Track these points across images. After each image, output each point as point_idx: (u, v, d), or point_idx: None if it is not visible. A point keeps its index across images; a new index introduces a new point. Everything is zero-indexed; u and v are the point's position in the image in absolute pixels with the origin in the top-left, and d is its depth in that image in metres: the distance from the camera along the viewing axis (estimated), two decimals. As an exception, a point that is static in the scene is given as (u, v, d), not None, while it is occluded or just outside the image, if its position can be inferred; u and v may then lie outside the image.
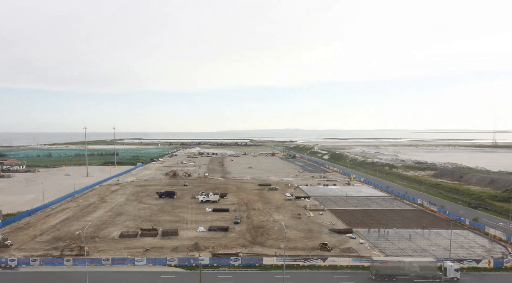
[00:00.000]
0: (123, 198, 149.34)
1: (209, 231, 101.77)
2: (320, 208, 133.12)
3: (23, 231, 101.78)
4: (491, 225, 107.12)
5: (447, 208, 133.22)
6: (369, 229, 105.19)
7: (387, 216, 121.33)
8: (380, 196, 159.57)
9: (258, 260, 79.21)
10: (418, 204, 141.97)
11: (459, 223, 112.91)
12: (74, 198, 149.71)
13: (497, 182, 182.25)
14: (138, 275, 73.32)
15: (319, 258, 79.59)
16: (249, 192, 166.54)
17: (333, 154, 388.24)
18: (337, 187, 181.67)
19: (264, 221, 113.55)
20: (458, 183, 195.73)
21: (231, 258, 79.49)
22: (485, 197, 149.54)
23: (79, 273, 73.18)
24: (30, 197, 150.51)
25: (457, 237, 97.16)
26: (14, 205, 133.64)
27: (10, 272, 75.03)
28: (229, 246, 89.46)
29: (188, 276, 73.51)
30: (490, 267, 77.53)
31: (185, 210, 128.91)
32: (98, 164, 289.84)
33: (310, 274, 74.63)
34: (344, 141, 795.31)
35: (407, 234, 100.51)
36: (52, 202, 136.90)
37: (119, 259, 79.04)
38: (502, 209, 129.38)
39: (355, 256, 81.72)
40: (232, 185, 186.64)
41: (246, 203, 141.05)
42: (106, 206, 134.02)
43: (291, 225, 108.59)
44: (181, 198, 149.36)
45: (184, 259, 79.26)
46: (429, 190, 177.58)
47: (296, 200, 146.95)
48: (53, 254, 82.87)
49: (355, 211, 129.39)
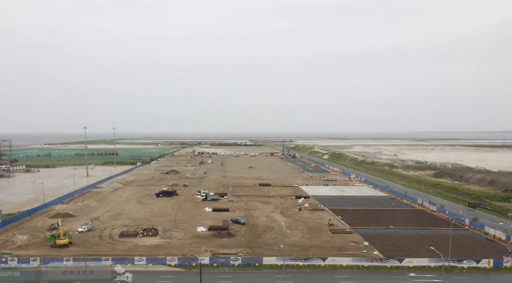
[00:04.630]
0: (123, 198, 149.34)
1: (209, 230, 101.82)
2: (320, 208, 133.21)
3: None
4: (490, 225, 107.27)
5: (447, 208, 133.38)
6: (369, 229, 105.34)
7: (387, 216, 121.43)
8: (380, 196, 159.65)
9: (258, 260, 79.29)
10: (418, 204, 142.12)
11: (459, 222, 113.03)
12: (74, 198, 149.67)
13: (497, 182, 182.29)
14: (138, 274, 73.30)
15: (319, 258, 79.67)
16: (249, 192, 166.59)
17: (333, 154, 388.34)
18: (337, 187, 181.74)
19: (264, 221, 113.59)
20: (458, 183, 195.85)
21: (231, 257, 79.57)
22: (484, 197, 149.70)
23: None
24: (30, 197, 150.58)
25: (457, 237, 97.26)
26: (14, 205, 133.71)
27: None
28: (229, 246, 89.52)
29: (188, 276, 73.60)
30: (490, 267, 77.64)
31: (185, 209, 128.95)
32: (98, 163, 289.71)
33: (310, 274, 74.72)
34: (344, 141, 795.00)
35: (407, 234, 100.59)
36: (52, 202, 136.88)
37: (119, 258, 79.06)
38: (501, 209, 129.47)
39: (355, 256, 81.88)
40: (232, 185, 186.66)
41: (246, 202, 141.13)
42: (106, 206, 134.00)
43: (291, 225, 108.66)
44: (181, 198, 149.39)
45: (184, 259, 79.31)
46: (428, 190, 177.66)
47: (295, 200, 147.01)
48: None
49: (355, 211, 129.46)
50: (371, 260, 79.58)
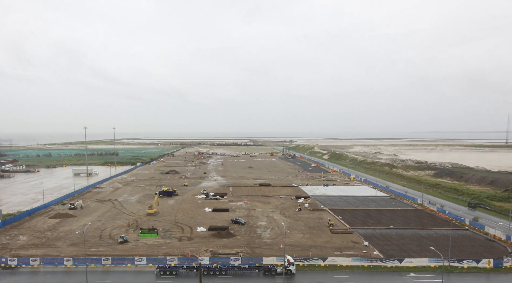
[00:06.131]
0: (123, 198, 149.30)
1: (209, 230, 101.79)
2: (320, 208, 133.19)
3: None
4: (491, 225, 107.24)
5: (447, 208, 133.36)
6: (369, 229, 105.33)
7: (387, 216, 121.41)
8: (380, 196, 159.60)
9: (258, 260, 79.26)
10: (418, 204, 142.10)
11: (459, 223, 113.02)
12: (74, 198, 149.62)
13: (497, 182, 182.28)
14: (138, 275, 73.33)
15: (319, 258, 79.66)
16: (249, 192, 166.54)
17: (333, 154, 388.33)
18: (337, 187, 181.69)
19: (264, 221, 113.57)
20: (458, 183, 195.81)
21: (231, 257, 79.56)
22: (484, 197, 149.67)
23: (79, 272, 73.31)
24: (30, 197, 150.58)
25: (457, 237, 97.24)
26: (14, 205, 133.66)
27: (10, 272, 75.17)
28: (229, 246, 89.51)
29: (188, 276, 73.54)
30: (490, 267, 77.62)
31: (185, 210, 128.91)
32: (98, 164, 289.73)
33: (310, 274, 74.68)
34: (344, 141, 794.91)
35: (407, 234, 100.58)
36: (52, 202, 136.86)
37: (119, 258, 79.02)
38: (501, 209, 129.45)
39: (355, 256, 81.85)
40: (232, 185, 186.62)
41: (246, 203, 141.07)
42: (105, 206, 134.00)
43: (291, 225, 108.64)
44: (180, 198, 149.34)
45: (184, 259, 79.27)
46: (428, 190, 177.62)
47: (295, 200, 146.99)
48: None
49: (355, 211, 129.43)
50: (371, 260, 79.54)
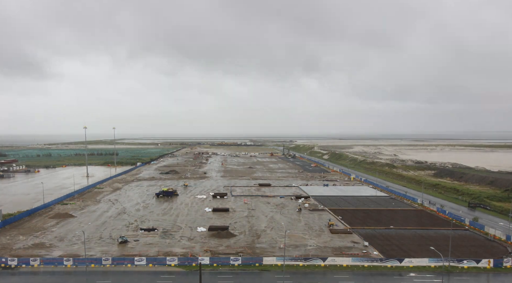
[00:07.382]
0: (122, 198, 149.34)
1: (209, 230, 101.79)
2: (319, 208, 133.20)
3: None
4: (491, 225, 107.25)
5: (447, 208, 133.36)
6: (369, 229, 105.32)
7: (387, 216, 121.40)
8: (380, 196, 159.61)
9: (258, 260, 79.26)
10: (418, 204, 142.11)
11: (459, 222, 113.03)
12: (74, 198, 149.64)
13: (497, 182, 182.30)
14: (138, 275, 73.33)
15: (319, 258, 79.66)
16: (249, 192, 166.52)
17: (333, 154, 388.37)
18: (337, 187, 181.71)
19: (264, 221, 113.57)
20: (458, 183, 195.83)
21: (231, 257, 79.53)
22: (484, 197, 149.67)
23: (79, 273, 73.32)
24: (30, 197, 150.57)
25: (457, 237, 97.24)
26: (14, 205, 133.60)
27: (10, 272, 75.17)
28: (229, 246, 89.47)
29: (188, 276, 73.58)
30: (490, 267, 77.63)
31: (185, 209, 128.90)
32: (98, 164, 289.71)
33: (310, 274, 74.69)
34: (344, 141, 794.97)
35: (407, 234, 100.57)
36: (52, 202, 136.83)
37: (119, 258, 79.03)
38: (501, 209, 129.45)
39: (355, 256, 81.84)
40: (232, 185, 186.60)
41: (246, 203, 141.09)
42: (106, 206, 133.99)
43: (291, 225, 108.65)
44: (180, 198, 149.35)
45: (184, 259, 79.28)
46: (428, 190, 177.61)
47: (295, 200, 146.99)
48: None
49: (355, 211, 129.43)
50: (371, 260, 79.53)
